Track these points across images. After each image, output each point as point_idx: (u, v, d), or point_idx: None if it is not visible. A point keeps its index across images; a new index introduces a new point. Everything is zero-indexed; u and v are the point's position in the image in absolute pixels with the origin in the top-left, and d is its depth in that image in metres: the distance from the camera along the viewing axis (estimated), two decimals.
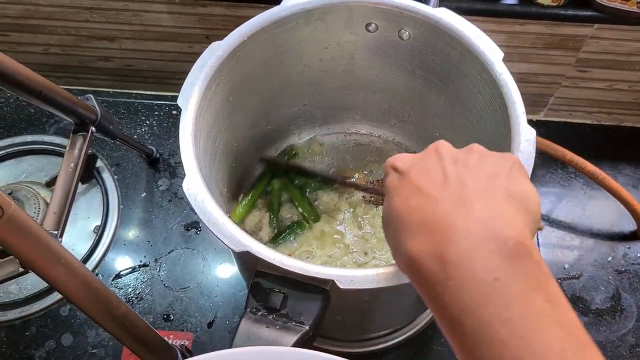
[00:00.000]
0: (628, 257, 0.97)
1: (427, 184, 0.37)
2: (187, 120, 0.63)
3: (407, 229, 0.36)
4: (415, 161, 0.40)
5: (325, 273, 0.53)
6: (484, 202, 0.35)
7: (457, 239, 0.33)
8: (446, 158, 0.39)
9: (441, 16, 0.70)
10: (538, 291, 0.32)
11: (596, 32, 0.91)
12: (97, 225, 0.98)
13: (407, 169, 0.40)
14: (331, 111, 0.94)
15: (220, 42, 0.69)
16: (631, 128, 1.11)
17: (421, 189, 0.37)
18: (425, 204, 0.36)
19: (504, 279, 0.32)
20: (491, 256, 0.32)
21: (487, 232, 0.33)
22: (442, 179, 0.37)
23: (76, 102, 0.79)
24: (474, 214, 0.34)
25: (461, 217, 0.34)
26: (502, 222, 0.34)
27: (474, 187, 0.36)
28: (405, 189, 0.38)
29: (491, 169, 0.37)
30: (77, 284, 0.59)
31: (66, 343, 0.88)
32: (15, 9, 1.02)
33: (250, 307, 0.54)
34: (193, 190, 0.58)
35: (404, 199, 0.38)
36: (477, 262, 0.32)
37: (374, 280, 0.53)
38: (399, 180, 0.40)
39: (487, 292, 0.32)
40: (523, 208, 0.36)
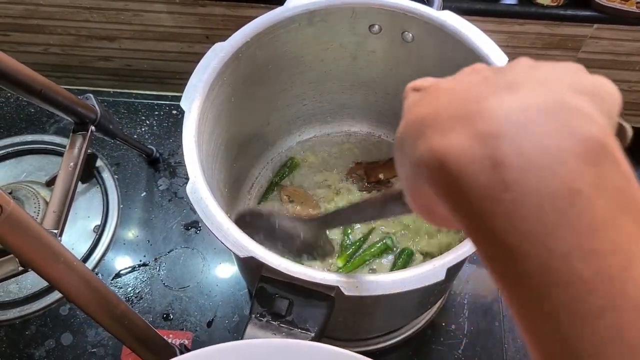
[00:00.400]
0: None
1: (465, 85, 0.27)
2: (190, 122, 0.63)
3: (436, 128, 0.26)
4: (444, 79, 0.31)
5: (331, 279, 0.53)
6: (545, 88, 0.25)
7: (513, 130, 0.23)
8: (485, 70, 0.29)
9: (445, 19, 0.70)
10: (630, 214, 0.22)
11: (596, 32, 0.92)
12: (97, 224, 0.98)
13: (432, 83, 0.30)
14: (332, 112, 0.94)
15: (223, 43, 0.69)
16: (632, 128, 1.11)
17: (454, 88, 0.28)
18: (463, 96, 0.26)
19: (588, 192, 0.22)
20: (566, 160, 0.22)
21: (560, 126, 0.23)
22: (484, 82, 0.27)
23: (76, 101, 0.79)
24: (538, 102, 0.24)
25: (517, 104, 0.24)
26: (577, 115, 0.24)
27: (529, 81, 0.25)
28: (432, 95, 0.29)
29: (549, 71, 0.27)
30: (77, 282, 0.59)
31: (66, 342, 0.88)
32: (16, 9, 1.03)
33: (255, 313, 0.54)
34: (197, 194, 0.58)
35: (429, 103, 0.28)
36: (545, 165, 0.22)
37: (379, 287, 0.53)
38: (422, 94, 0.30)
39: (564, 210, 0.22)
40: (596, 105, 0.25)
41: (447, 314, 0.89)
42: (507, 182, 0.23)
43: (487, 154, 0.23)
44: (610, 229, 0.22)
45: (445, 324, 0.88)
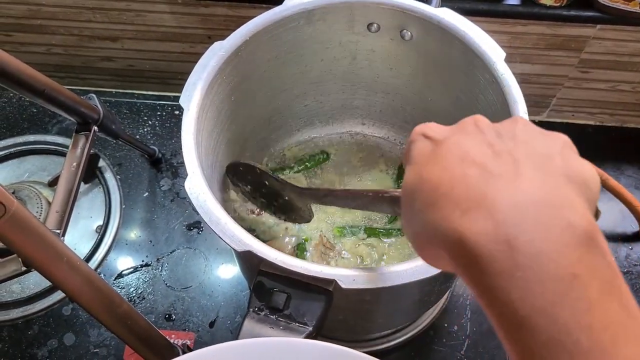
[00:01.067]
0: (630, 258, 0.97)
1: (473, 155, 0.31)
2: (189, 120, 0.64)
3: (453, 202, 0.30)
4: (450, 132, 0.34)
5: (328, 273, 0.53)
6: (546, 184, 0.29)
7: (527, 222, 0.28)
8: (488, 131, 0.33)
9: (443, 16, 0.70)
10: (614, 295, 0.27)
11: (599, 32, 0.91)
12: (99, 224, 0.98)
13: (442, 138, 0.33)
14: (333, 111, 0.94)
15: (222, 42, 0.69)
16: (634, 129, 1.11)
17: (466, 159, 0.31)
18: (474, 177, 0.30)
19: (583, 277, 0.27)
20: (567, 248, 0.27)
21: (559, 219, 0.28)
22: (490, 152, 0.31)
23: (79, 101, 0.79)
24: (539, 195, 0.28)
25: (526, 196, 0.28)
26: (570, 210, 0.28)
27: (530, 165, 0.30)
28: (444, 157, 0.32)
29: (542, 147, 0.31)
30: (80, 282, 0.59)
31: (68, 342, 0.88)
32: (18, 9, 1.03)
33: (253, 307, 0.54)
34: (195, 190, 0.59)
35: (443, 168, 0.31)
36: (550, 253, 0.27)
37: (376, 280, 0.53)
38: (432, 148, 0.33)
39: (565, 291, 0.27)
40: (584, 195, 0.30)
41: (449, 315, 0.89)
42: (520, 264, 0.27)
43: (503, 239, 0.28)
44: (602, 308, 0.27)
45: (447, 325, 0.88)
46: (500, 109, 0.66)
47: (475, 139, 0.32)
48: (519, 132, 0.32)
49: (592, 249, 0.28)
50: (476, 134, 0.33)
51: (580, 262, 0.27)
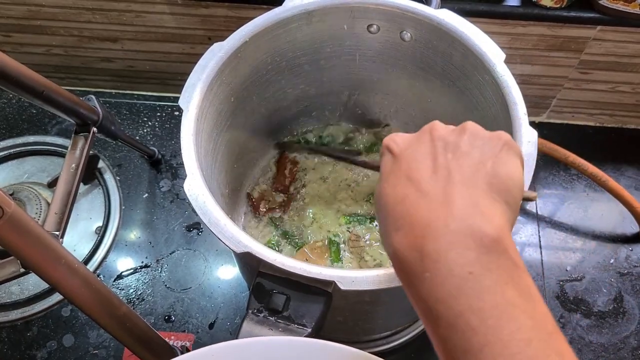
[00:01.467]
0: (630, 260, 0.96)
1: (416, 174, 0.39)
2: (189, 121, 0.63)
3: (393, 221, 0.38)
4: (408, 144, 0.42)
5: (327, 274, 0.53)
6: (466, 198, 0.37)
7: (435, 234, 0.35)
8: (438, 143, 0.40)
9: (443, 17, 0.70)
10: (510, 284, 0.34)
11: (599, 34, 0.91)
12: (99, 226, 0.98)
13: (399, 153, 0.41)
14: (333, 112, 0.94)
15: (222, 43, 0.69)
16: (634, 130, 1.11)
17: (410, 178, 0.39)
18: (411, 197, 0.38)
19: (478, 273, 0.34)
20: (467, 252, 0.34)
21: (465, 229, 0.35)
22: (431, 168, 0.39)
23: (78, 102, 0.79)
24: (454, 211, 0.36)
25: (442, 213, 0.36)
26: (480, 219, 0.35)
27: (459, 180, 0.37)
28: (396, 175, 0.40)
29: (479, 154, 0.39)
30: (78, 284, 0.59)
31: (67, 344, 0.88)
32: (18, 9, 1.02)
33: (252, 308, 0.54)
34: (194, 191, 0.58)
35: (393, 187, 0.40)
36: (452, 257, 0.34)
37: (375, 282, 0.53)
38: (391, 163, 0.41)
39: (461, 285, 0.34)
40: (504, 200, 0.37)
41: None
42: (427, 267, 0.35)
43: (417, 248, 0.36)
44: (493, 294, 0.33)
45: None
46: (500, 110, 0.66)
47: (425, 151, 0.40)
48: (463, 142, 0.40)
49: (492, 249, 0.34)
50: (427, 145, 0.41)
51: (477, 262, 0.34)
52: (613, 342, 0.89)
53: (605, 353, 0.89)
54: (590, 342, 0.89)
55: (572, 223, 1.00)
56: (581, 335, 0.90)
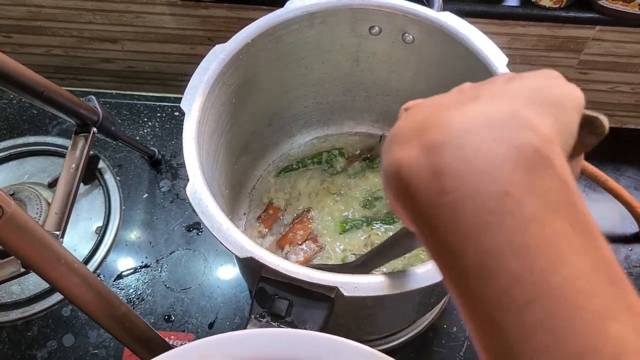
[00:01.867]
0: (630, 260, 0.96)
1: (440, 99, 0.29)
2: (191, 123, 0.63)
3: (400, 138, 0.28)
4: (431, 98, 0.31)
5: (330, 280, 0.53)
6: (501, 100, 0.27)
7: (455, 140, 0.25)
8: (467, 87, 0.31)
9: (445, 20, 0.70)
10: (559, 212, 0.25)
11: (598, 34, 0.91)
12: (99, 226, 0.98)
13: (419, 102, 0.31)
14: (333, 113, 0.94)
15: (224, 45, 0.69)
16: (633, 130, 1.11)
17: (428, 105, 0.29)
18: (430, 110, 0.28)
19: (517, 194, 0.24)
20: (500, 164, 0.25)
21: (499, 133, 0.25)
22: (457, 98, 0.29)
23: (78, 103, 0.79)
24: (483, 110, 0.26)
25: (466, 113, 0.26)
26: (521, 125, 0.26)
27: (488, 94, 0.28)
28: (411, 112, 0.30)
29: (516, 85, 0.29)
30: (78, 284, 0.59)
31: (68, 343, 0.88)
32: (18, 10, 1.03)
33: (254, 313, 0.54)
34: (197, 195, 0.58)
35: (405, 119, 0.29)
36: (480, 171, 0.25)
37: (378, 288, 0.53)
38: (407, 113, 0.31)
39: (496, 210, 0.24)
40: (552, 115, 0.27)
41: (448, 316, 0.89)
42: (446, 188, 0.25)
43: (429, 162, 0.26)
44: (539, 226, 0.24)
45: (446, 326, 0.88)
46: None
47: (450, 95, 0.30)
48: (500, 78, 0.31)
49: (537, 164, 0.25)
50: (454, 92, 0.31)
51: (516, 179, 0.25)
52: None
53: None
54: None
55: None
56: None
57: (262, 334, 0.44)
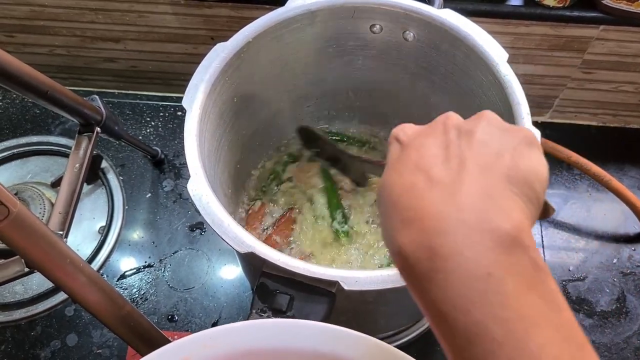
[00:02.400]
0: (633, 259, 0.96)
1: (425, 161, 0.34)
2: (192, 121, 0.64)
3: (398, 213, 0.33)
4: (419, 133, 0.37)
5: (331, 274, 0.53)
6: (481, 188, 0.32)
7: (447, 228, 0.31)
8: (451, 131, 0.36)
9: (446, 17, 0.70)
10: (533, 289, 0.30)
11: (602, 33, 0.91)
12: (102, 225, 0.98)
13: (408, 141, 0.37)
14: (335, 112, 0.94)
15: (225, 43, 0.69)
16: (636, 130, 1.11)
17: (419, 166, 0.34)
18: (419, 186, 0.33)
19: (498, 275, 0.30)
20: (484, 250, 0.30)
21: (480, 224, 0.31)
22: (443, 155, 0.34)
23: (81, 102, 0.79)
24: (467, 203, 0.32)
25: (455, 205, 0.32)
26: (497, 213, 0.31)
27: (473, 169, 0.33)
28: (403, 163, 0.35)
29: (496, 145, 0.35)
30: (83, 283, 0.59)
31: (71, 343, 0.88)
32: (21, 10, 1.03)
33: (256, 309, 0.54)
34: (198, 191, 0.59)
35: (399, 174, 0.35)
36: (468, 256, 0.30)
37: (379, 282, 0.53)
38: (399, 152, 0.37)
39: (481, 288, 0.30)
40: (524, 194, 0.33)
41: None
42: (439, 267, 0.30)
43: (426, 244, 0.31)
44: (518, 301, 0.29)
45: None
46: (503, 111, 0.66)
47: (436, 140, 0.36)
48: (479, 130, 0.35)
49: (513, 249, 0.30)
50: (439, 134, 0.36)
51: (498, 262, 0.30)
52: (616, 342, 0.89)
53: (608, 353, 0.89)
54: (593, 342, 0.89)
55: (574, 223, 1.00)
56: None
57: (265, 325, 0.44)
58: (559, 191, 1.03)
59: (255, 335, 0.44)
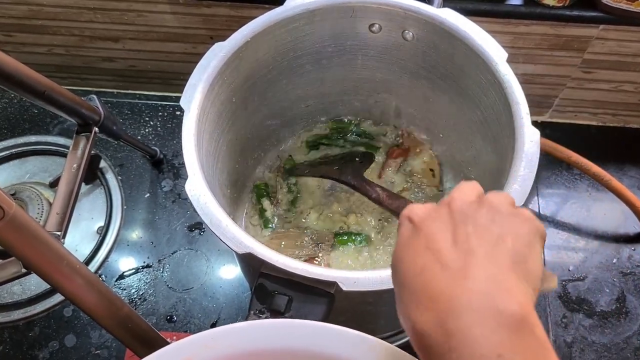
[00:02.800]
0: (633, 259, 0.96)
1: (435, 244, 0.37)
2: (190, 121, 0.63)
3: (411, 293, 0.37)
4: (428, 214, 0.40)
5: (329, 275, 0.53)
6: (488, 272, 0.35)
7: (459, 311, 0.34)
8: (457, 215, 0.39)
9: (445, 17, 0.69)
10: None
11: (602, 33, 0.91)
12: (101, 225, 0.98)
13: (419, 222, 0.40)
14: (334, 111, 0.94)
15: (223, 43, 0.69)
16: (636, 129, 1.11)
17: (429, 249, 0.37)
18: (430, 269, 0.36)
19: (507, 356, 0.32)
20: (494, 332, 0.33)
21: (489, 306, 0.34)
22: (451, 240, 0.37)
23: (79, 102, 0.79)
24: (476, 287, 0.35)
25: (464, 288, 0.35)
26: (504, 296, 0.34)
27: (480, 253, 0.36)
28: (415, 244, 0.39)
29: (498, 229, 0.38)
30: (80, 285, 0.59)
31: (69, 344, 0.88)
32: (19, 9, 1.02)
33: (254, 310, 0.54)
34: (196, 192, 0.58)
35: (412, 257, 0.38)
36: (479, 337, 0.33)
37: (378, 282, 0.52)
38: (411, 232, 0.40)
39: None
40: (524, 278, 0.36)
41: None
42: (453, 346, 0.33)
43: (441, 325, 0.34)
44: None
45: None
46: (502, 110, 0.65)
47: (444, 223, 0.39)
48: (482, 215, 0.38)
49: (520, 329, 0.33)
50: (446, 217, 0.39)
51: (506, 343, 0.32)
52: (616, 342, 0.89)
53: (607, 353, 0.89)
54: (592, 342, 0.89)
55: (574, 223, 1.00)
56: (584, 335, 0.90)
57: (266, 325, 0.44)
58: (559, 191, 1.03)
59: (257, 335, 0.43)
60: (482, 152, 0.76)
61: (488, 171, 0.76)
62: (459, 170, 0.89)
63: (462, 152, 0.84)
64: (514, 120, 0.62)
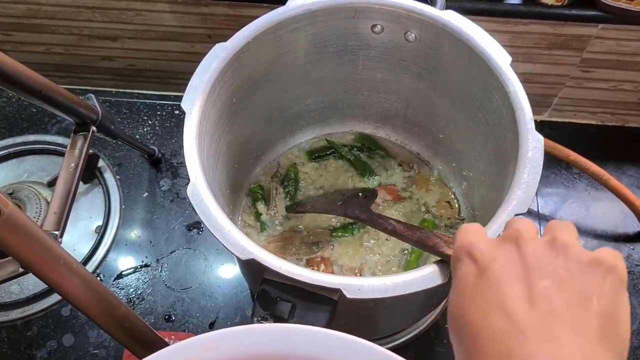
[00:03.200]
0: (632, 258, 0.96)
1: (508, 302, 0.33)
2: (191, 123, 0.63)
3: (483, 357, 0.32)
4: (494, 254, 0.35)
5: (333, 282, 0.52)
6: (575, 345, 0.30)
7: None
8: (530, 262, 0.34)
9: (448, 19, 0.69)
10: None
11: (601, 32, 0.91)
12: (99, 225, 0.98)
13: (485, 264, 0.35)
14: (334, 112, 0.94)
15: (225, 44, 0.68)
16: (635, 129, 1.11)
17: (503, 307, 0.33)
18: (505, 331, 0.32)
19: None
20: None
21: None
22: (526, 296, 0.33)
23: (77, 101, 0.79)
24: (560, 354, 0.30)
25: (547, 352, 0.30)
26: None
27: (565, 318, 0.31)
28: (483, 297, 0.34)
29: (580, 285, 0.33)
30: (77, 285, 0.58)
31: (67, 343, 0.88)
32: (18, 8, 1.02)
33: (257, 316, 0.53)
34: (197, 196, 0.58)
35: (484, 312, 0.33)
36: None
37: (382, 290, 0.52)
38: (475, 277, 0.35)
39: None
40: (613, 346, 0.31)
41: None
42: None
43: None
44: None
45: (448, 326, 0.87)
46: (505, 114, 0.65)
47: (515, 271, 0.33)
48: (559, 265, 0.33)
49: None
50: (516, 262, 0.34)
51: None
52: None
53: None
54: None
55: (573, 222, 0.98)
56: None
57: (269, 329, 0.44)
58: (558, 190, 1.03)
59: (259, 339, 0.43)
60: (483, 155, 0.76)
61: (489, 176, 0.75)
62: (458, 171, 0.88)
63: (463, 154, 0.84)
64: (518, 125, 0.61)
